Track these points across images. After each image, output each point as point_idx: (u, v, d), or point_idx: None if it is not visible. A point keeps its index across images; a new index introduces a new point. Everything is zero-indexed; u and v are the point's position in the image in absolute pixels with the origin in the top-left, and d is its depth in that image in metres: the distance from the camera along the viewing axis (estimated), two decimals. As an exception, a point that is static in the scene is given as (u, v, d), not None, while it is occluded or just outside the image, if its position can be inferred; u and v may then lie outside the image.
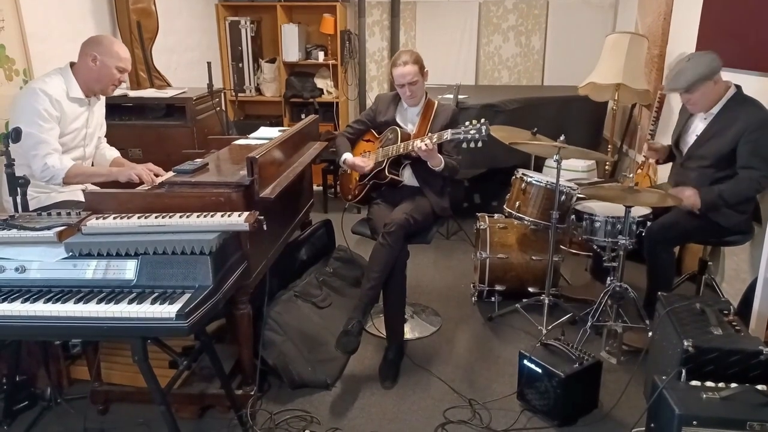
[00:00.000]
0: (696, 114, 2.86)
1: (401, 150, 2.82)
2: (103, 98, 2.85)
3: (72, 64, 2.65)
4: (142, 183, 2.46)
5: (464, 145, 2.70)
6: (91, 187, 2.73)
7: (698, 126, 2.84)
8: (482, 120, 2.67)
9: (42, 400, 2.46)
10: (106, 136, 2.96)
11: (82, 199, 2.67)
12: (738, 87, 2.74)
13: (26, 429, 2.35)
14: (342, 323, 2.64)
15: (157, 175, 2.51)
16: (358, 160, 2.97)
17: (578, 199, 3.11)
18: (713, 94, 2.71)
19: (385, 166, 2.91)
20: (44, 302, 1.76)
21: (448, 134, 2.71)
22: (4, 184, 2.31)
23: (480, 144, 2.67)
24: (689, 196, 2.69)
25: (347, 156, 3.00)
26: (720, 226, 2.75)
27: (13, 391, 2.36)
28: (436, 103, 3.01)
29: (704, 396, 1.85)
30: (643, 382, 2.54)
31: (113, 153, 2.93)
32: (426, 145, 2.69)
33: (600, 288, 3.08)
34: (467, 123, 2.68)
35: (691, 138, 2.86)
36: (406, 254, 2.76)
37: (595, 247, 3.05)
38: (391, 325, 2.79)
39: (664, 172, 3.79)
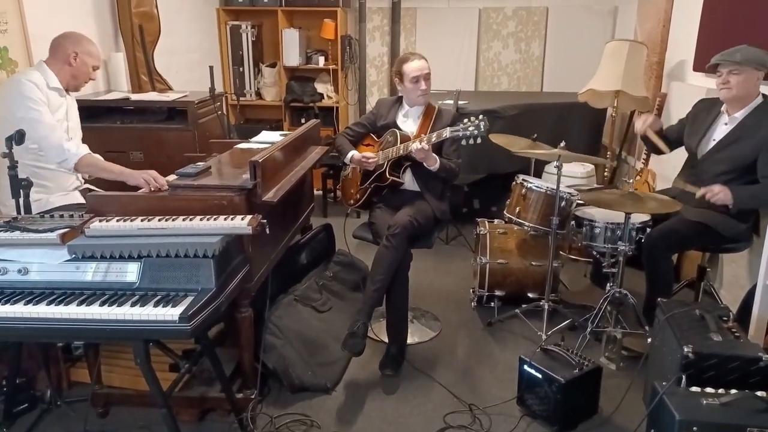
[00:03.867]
0: (719, 118, 2.85)
1: (401, 151, 2.84)
2: (74, 99, 2.85)
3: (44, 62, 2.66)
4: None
5: (464, 142, 2.71)
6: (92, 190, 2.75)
7: (719, 131, 2.83)
8: (480, 116, 2.68)
9: (42, 403, 2.45)
10: (86, 137, 2.92)
11: (80, 200, 2.68)
12: (765, 96, 2.73)
13: (26, 431, 2.35)
14: (342, 327, 2.64)
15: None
16: (366, 154, 2.97)
17: (578, 205, 3.12)
18: (751, 87, 2.68)
19: (385, 169, 2.92)
20: (47, 304, 1.76)
21: (447, 132, 2.73)
22: (5, 186, 2.31)
23: (479, 140, 2.68)
24: (718, 192, 2.63)
25: (353, 153, 3.01)
26: (720, 235, 2.76)
27: (13, 393, 2.35)
28: (437, 107, 3.02)
29: (704, 402, 1.86)
30: (642, 388, 2.55)
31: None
32: (423, 145, 2.71)
33: (599, 294, 3.09)
34: (465, 120, 2.69)
35: (709, 143, 2.85)
36: (410, 257, 2.77)
37: (595, 253, 3.05)
38: (393, 328, 2.80)
39: (664, 179, 3.81)
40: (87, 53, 2.67)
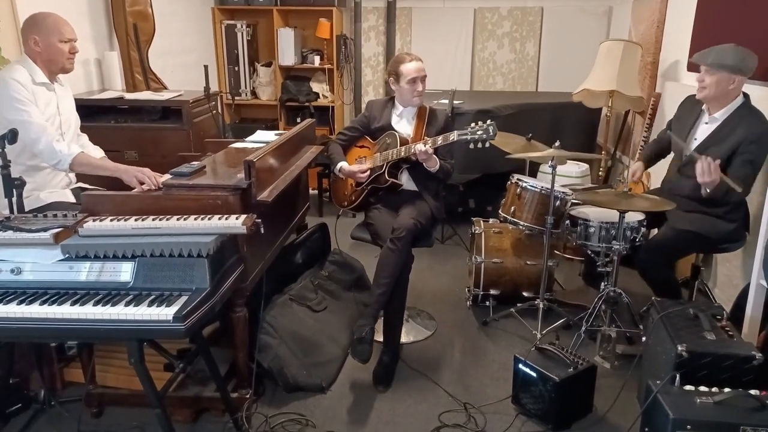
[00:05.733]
0: (701, 116, 2.86)
1: (401, 154, 2.84)
2: (68, 87, 2.81)
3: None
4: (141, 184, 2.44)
5: (471, 146, 2.71)
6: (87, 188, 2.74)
7: (701, 132, 2.84)
8: (488, 121, 2.69)
9: (35, 403, 2.44)
10: (83, 132, 2.91)
11: (70, 199, 2.66)
12: (746, 96, 2.73)
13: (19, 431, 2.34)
14: (337, 327, 2.64)
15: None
16: (355, 167, 2.98)
17: (573, 204, 3.13)
18: (725, 90, 2.67)
19: (384, 171, 2.91)
20: (40, 304, 1.75)
21: (454, 135, 2.73)
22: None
23: (488, 144, 2.69)
24: (707, 177, 2.50)
25: (343, 165, 3.00)
26: (710, 239, 2.76)
27: (6, 394, 2.34)
28: (428, 108, 3.03)
29: (698, 400, 1.86)
30: (636, 387, 2.56)
31: (98, 152, 2.90)
32: (427, 148, 2.72)
33: (593, 293, 3.10)
34: (473, 124, 2.70)
35: (692, 143, 2.86)
36: (412, 258, 2.77)
37: (590, 252, 3.06)
38: (390, 327, 2.79)
39: (658, 178, 3.82)
40: (46, 32, 2.54)
